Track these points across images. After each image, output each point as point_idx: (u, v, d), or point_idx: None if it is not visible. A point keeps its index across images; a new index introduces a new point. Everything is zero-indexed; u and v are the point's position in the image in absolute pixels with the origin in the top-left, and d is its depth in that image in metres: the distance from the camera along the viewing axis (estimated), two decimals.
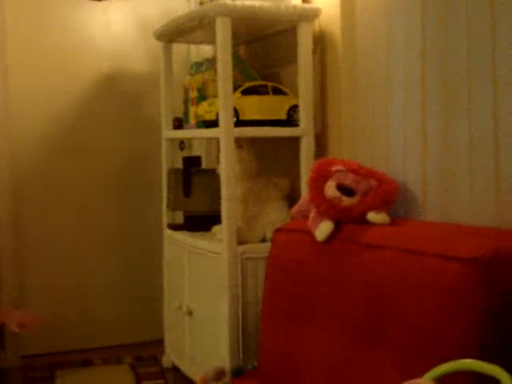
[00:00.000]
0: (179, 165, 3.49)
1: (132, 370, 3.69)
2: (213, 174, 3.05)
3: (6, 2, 3.75)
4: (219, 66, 2.74)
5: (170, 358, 3.53)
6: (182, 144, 4.03)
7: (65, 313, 3.96)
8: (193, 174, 3.31)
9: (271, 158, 3.21)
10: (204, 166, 3.59)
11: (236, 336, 2.78)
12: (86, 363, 3.83)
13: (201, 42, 3.63)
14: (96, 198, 4.02)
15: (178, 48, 3.66)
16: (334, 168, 2.23)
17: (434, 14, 2.23)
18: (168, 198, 3.43)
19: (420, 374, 1.45)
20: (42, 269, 3.92)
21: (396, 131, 2.42)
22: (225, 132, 2.73)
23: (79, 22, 3.94)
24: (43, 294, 3.92)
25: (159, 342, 3.68)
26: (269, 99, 2.91)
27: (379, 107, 2.51)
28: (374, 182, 2.22)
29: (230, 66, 2.73)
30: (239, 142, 2.88)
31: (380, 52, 2.50)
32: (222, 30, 2.73)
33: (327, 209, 2.18)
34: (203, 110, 2.98)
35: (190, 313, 3.14)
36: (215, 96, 2.90)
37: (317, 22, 2.93)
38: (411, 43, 2.33)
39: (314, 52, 2.90)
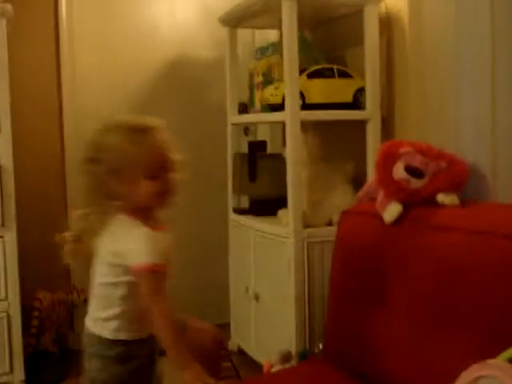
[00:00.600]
0: (244, 150, 3.51)
1: None
2: (278, 159, 3.05)
3: None
4: (285, 49, 2.74)
5: (235, 341, 3.56)
6: (246, 129, 4.04)
7: None
8: (258, 159, 3.31)
9: (336, 142, 3.19)
10: (269, 150, 3.60)
11: (302, 319, 2.79)
12: None
13: (265, 27, 3.63)
14: None
15: (243, 33, 3.67)
16: (402, 150, 2.20)
17: None
18: (233, 183, 3.45)
19: (492, 357, 1.44)
20: None
21: (466, 112, 2.38)
22: (291, 115, 2.73)
23: (144, 12, 3.98)
24: None
25: (225, 326, 3.71)
26: (335, 82, 2.89)
27: (448, 89, 2.47)
28: (443, 164, 2.19)
29: (295, 49, 2.72)
30: (305, 126, 2.87)
31: (448, 33, 2.46)
32: (288, 14, 2.72)
33: (395, 191, 2.16)
34: (269, 93, 2.98)
35: (257, 297, 3.15)
36: (280, 80, 2.90)
37: (383, 4, 2.91)
38: (480, 23, 2.28)
39: (381, 34, 2.87)
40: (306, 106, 2.80)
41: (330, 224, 2.86)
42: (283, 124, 2.91)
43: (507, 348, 1.42)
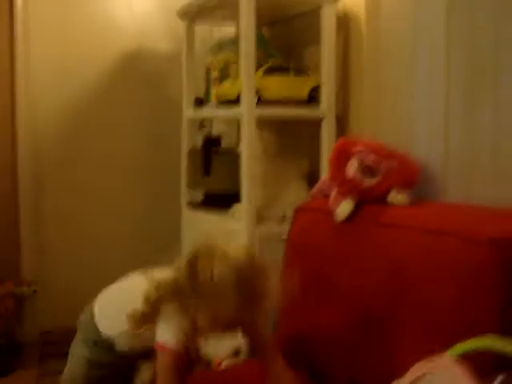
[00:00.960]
0: (199, 144, 3.50)
1: None
2: (233, 154, 3.05)
3: None
4: (242, 44, 2.74)
5: None
6: (201, 124, 4.03)
7: (84, 287, 3.99)
8: (212, 154, 3.31)
9: (291, 139, 3.21)
10: (224, 145, 3.60)
11: None
12: None
13: (223, 23, 3.63)
14: (116, 175, 4.05)
15: (201, 28, 3.65)
16: (355, 148, 2.23)
17: None
18: (188, 177, 3.44)
19: (441, 352, 1.46)
20: (62, 250, 3.96)
21: (419, 113, 2.41)
22: (246, 111, 2.74)
23: (101, 4, 3.95)
24: (63, 273, 3.96)
25: None
26: (291, 79, 2.91)
27: (402, 89, 2.50)
28: (395, 163, 2.22)
29: (252, 45, 2.72)
30: (260, 122, 2.88)
31: (404, 33, 2.49)
32: (246, 10, 2.72)
33: (348, 188, 2.18)
34: (225, 89, 2.99)
35: None
36: (237, 76, 2.90)
37: (341, 3, 2.92)
38: (437, 26, 2.32)
39: (338, 33, 2.89)
40: (261, 103, 2.80)
41: (283, 219, 2.87)
42: (239, 120, 2.91)
43: (454, 344, 1.44)
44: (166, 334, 1.80)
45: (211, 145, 3.38)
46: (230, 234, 2.89)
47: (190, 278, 1.75)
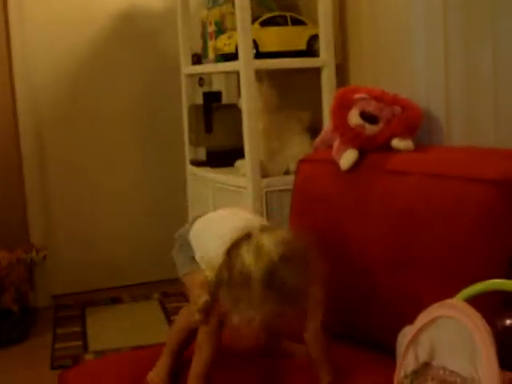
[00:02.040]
0: (200, 101, 3.48)
1: (160, 306, 3.75)
2: (234, 109, 3.02)
3: None
4: None
5: None
6: (201, 80, 4.00)
7: (93, 253, 4.02)
8: (213, 110, 3.29)
9: (292, 91, 3.18)
10: (224, 101, 3.57)
11: None
12: (116, 301, 3.90)
13: None
14: (117, 137, 4.04)
15: None
16: (356, 96, 2.20)
17: None
18: (190, 135, 3.42)
19: (450, 296, 1.46)
20: (69, 211, 3.98)
21: (419, 58, 2.38)
22: (244, 64, 2.71)
23: None
24: (71, 236, 3.97)
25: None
26: (288, 30, 2.87)
27: (401, 35, 2.47)
28: (398, 109, 2.19)
29: None
30: (259, 76, 2.85)
31: None
32: None
33: (351, 137, 2.16)
34: (222, 43, 2.95)
35: None
36: (234, 29, 2.86)
37: None
38: None
39: None
40: (259, 55, 2.77)
41: (287, 173, 2.86)
42: (238, 74, 2.88)
43: (464, 287, 1.44)
44: None
45: (212, 101, 3.36)
46: (236, 189, 2.89)
47: (226, 267, 1.71)
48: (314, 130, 2.90)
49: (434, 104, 2.31)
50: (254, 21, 2.76)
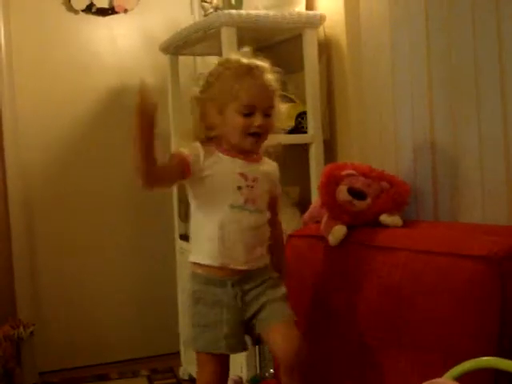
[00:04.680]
0: None
1: (149, 383, 3.70)
2: None
3: (12, 19, 3.79)
4: None
5: (186, 369, 3.53)
6: None
7: (80, 328, 3.97)
8: None
9: (280, 166, 3.20)
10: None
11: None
12: (103, 378, 3.83)
13: (206, 54, 3.65)
14: (107, 212, 4.03)
15: (184, 60, 3.68)
16: (344, 172, 2.23)
17: (438, 17, 2.23)
18: (179, 210, 3.43)
19: (439, 374, 1.45)
20: (57, 283, 3.93)
21: (405, 134, 2.42)
22: None
23: (84, 38, 3.96)
24: (59, 311, 3.93)
25: (175, 355, 3.68)
26: None
27: (387, 111, 2.52)
28: (385, 185, 2.22)
29: None
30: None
31: (385, 57, 2.51)
32: (228, 40, 2.74)
33: (339, 213, 2.18)
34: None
35: None
36: None
37: (322, 28, 2.94)
38: (416, 47, 2.34)
39: (320, 59, 2.91)
40: None
41: None
42: None
43: (453, 365, 1.44)
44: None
45: None
46: None
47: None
48: (302, 204, 2.92)
49: (420, 180, 2.34)
50: None
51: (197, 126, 2.03)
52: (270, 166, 2.14)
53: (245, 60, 2.01)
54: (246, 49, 2.02)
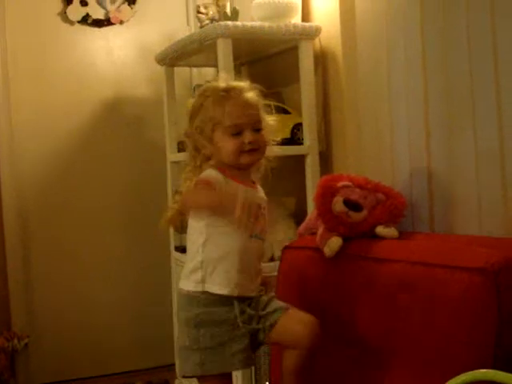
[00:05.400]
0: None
1: None
2: None
3: (7, 31, 3.79)
4: None
5: (181, 382, 3.51)
6: None
7: (75, 340, 3.95)
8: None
9: (276, 178, 3.20)
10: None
11: None
12: None
13: (202, 65, 3.66)
14: (102, 224, 4.02)
15: (180, 71, 3.68)
16: (340, 183, 2.22)
17: (434, 30, 2.23)
18: None
19: None
20: (51, 295, 3.92)
21: (401, 146, 2.42)
22: None
23: (80, 49, 3.97)
24: (53, 322, 3.91)
25: (171, 367, 3.67)
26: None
27: (383, 123, 2.51)
28: (381, 196, 2.21)
29: None
30: None
31: (381, 69, 2.51)
32: (224, 52, 2.74)
33: (335, 224, 2.17)
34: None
35: None
36: None
37: (317, 40, 2.95)
38: (412, 59, 2.34)
39: (316, 70, 2.91)
40: None
41: (272, 259, 2.86)
42: None
43: (449, 378, 1.43)
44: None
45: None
46: None
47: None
48: (298, 215, 2.92)
49: (416, 192, 2.33)
50: None
51: (196, 161, 2.02)
52: (262, 191, 2.16)
53: (222, 84, 2.03)
54: (223, 74, 2.04)
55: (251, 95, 2.02)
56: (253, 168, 2.08)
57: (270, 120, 2.07)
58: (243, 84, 2.04)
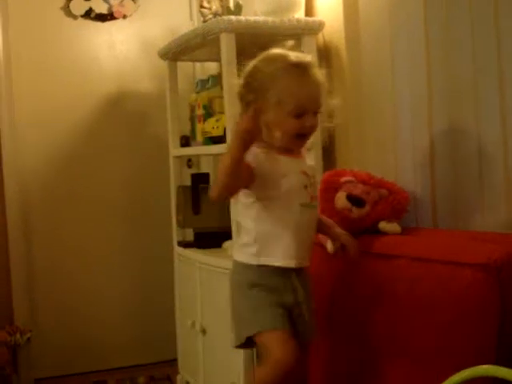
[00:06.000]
0: (188, 182, 3.49)
1: None
2: None
3: (10, 24, 3.78)
4: (225, 81, 2.75)
5: (183, 377, 3.51)
6: (189, 161, 4.03)
7: (77, 335, 3.96)
8: (201, 191, 3.30)
9: None
10: (212, 182, 3.58)
11: (250, 352, 2.76)
12: None
13: (205, 60, 3.64)
14: (105, 218, 4.02)
15: (183, 66, 3.67)
16: (343, 179, 2.22)
17: (437, 23, 2.23)
18: (177, 216, 3.42)
19: (437, 382, 1.44)
20: (54, 290, 3.92)
21: (404, 141, 2.41)
22: None
23: (83, 44, 3.96)
24: (56, 317, 3.91)
25: (173, 362, 3.67)
26: None
27: (386, 118, 2.51)
28: (384, 192, 2.21)
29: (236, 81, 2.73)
30: None
31: (385, 63, 2.50)
32: (227, 46, 2.73)
33: (338, 220, 2.17)
34: (210, 126, 2.98)
35: (204, 331, 3.12)
36: (222, 112, 2.90)
37: (321, 35, 2.94)
38: (416, 53, 2.33)
39: (319, 65, 2.90)
40: None
41: None
42: None
43: (451, 374, 1.42)
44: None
45: (200, 182, 3.37)
46: (223, 271, 2.87)
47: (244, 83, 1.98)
48: None
49: (420, 187, 2.33)
50: None
51: (254, 126, 1.86)
52: (310, 160, 2.10)
53: (293, 57, 1.94)
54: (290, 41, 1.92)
55: (319, 74, 1.95)
56: None
57: (329, 103, 2.02)
58: (310, 59, 1.96)
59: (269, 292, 1.91)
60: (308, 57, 1.97)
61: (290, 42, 1.99)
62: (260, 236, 1.93)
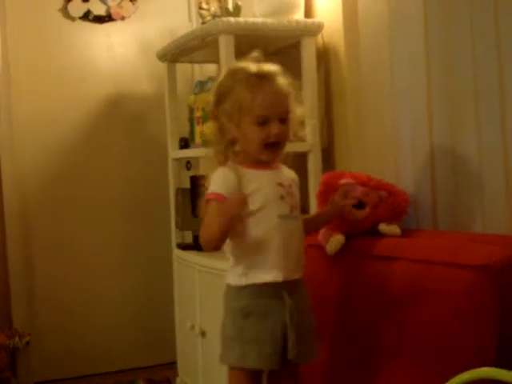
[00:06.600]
0: (187, 184, 3.48)
1: None
2: None
3: (8, 26, 3.78)
4: None
5: (183, 379, 3.50)
6: (188, 164, 4.02)
7: (76, 338, 3.95)
8: (200, 193, 3.29)
9: None
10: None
11: None
12: None
13: (204, 61, 3.64)
14: (103, 220, 4.01)
15: (182, 68, 3.66)
16: (342, 181, 2.21)
17: (437, 24, 2.22)
18: (176, 218, 3.41)
19: (437, 382, 1.43)
20: (53, 293, 3.91)
21: (404, 143, 2.41)
22: None
23: (81, 45, 3.96)
24: (55, 320, 3.91)
25: (172, 365, 3.66)
26: None
27: (386, 120, 2.50)
28: (384, 194, 2.20)
29: None
30: None
31: (384, 65, 2.50)
32: (226, 48, 2.73)
33: (337, 222, 2.16)
34: (209, 128, 2.97)
35: (203, 333, 3.11)
36: None
37: (320, 36, 2.93)
38: (415, 55, 2.33)
39: (318, 66, 2.89)
40: None
41: None
42: None
43: (452, 376, 1.42)
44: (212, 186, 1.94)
45: (199, 184, 3.36)
46: (222, 273, 2.86)
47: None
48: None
49: (420, 189, 2.32)
50: None
51: (220, 144, 1.95)
52: (289, 171, 2.09)
53: (253, 68, 1.93)
54: (254, 53, 1.93)
55: (283, 82, 1.94)
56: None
57: (299, 110, 1.99)
58: (274, 68, 1.95)
59: (262, 319, 1.88)
60: (272, 66, 1.95)
61: (255, 54, 1.96)
62: (244, 254, 1.92)
